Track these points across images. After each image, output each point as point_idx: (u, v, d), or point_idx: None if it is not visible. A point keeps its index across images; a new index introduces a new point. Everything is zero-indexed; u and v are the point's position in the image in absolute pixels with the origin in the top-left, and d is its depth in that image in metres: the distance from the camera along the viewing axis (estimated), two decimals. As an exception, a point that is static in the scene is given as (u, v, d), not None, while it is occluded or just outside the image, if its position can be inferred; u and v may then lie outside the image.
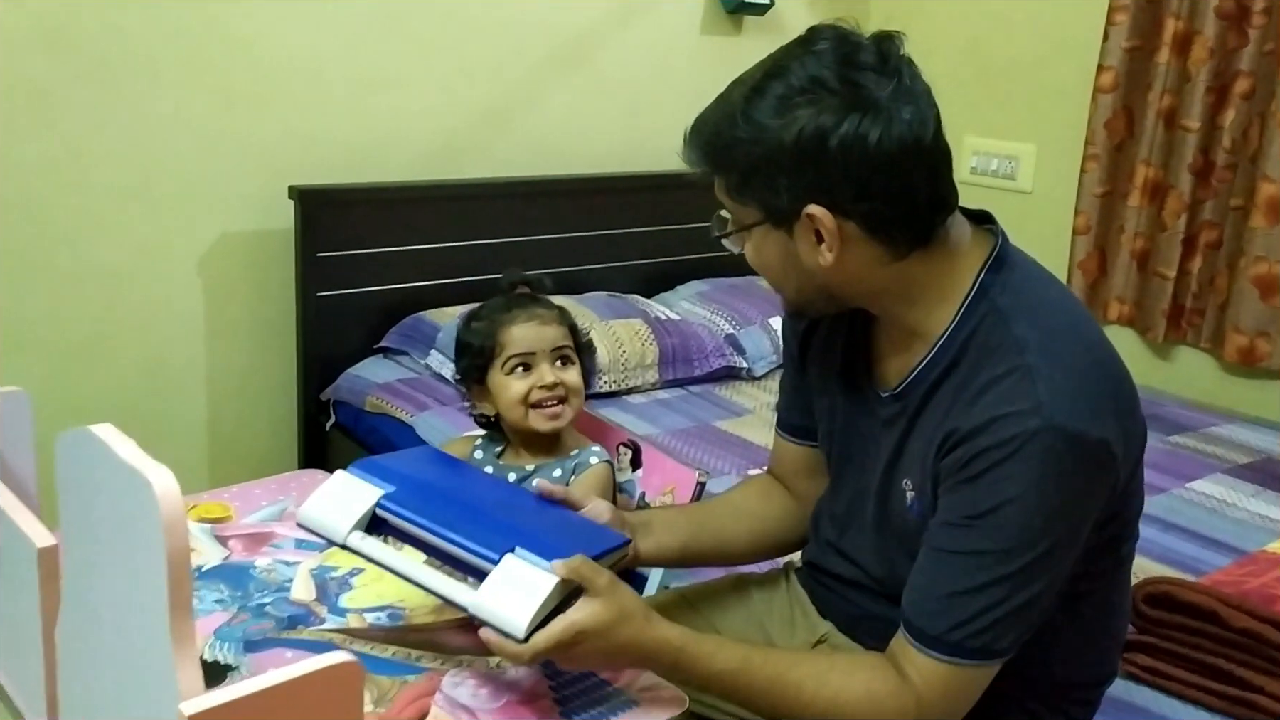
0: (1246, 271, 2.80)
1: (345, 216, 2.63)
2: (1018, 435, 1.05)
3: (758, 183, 1.12)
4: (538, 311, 1.65)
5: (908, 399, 1.20)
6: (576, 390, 1.63)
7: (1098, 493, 1.11)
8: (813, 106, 1.07)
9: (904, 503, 1.21)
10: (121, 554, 0.91)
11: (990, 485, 1.07)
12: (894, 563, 1.26)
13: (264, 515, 1.61)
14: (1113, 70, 2.95)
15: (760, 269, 1.22)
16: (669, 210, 3.16)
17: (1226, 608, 1.60)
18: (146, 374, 2.56)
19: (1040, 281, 1.19)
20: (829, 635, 1.39)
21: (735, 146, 1.11)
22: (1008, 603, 1.08)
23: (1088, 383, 1.09)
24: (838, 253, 1.12)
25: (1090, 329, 1.16)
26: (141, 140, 2.44)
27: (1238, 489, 2.34)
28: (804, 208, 1.10)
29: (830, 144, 1.07)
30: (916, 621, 1.12)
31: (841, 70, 1.08)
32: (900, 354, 1.22)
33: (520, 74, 2.93)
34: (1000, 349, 1.11)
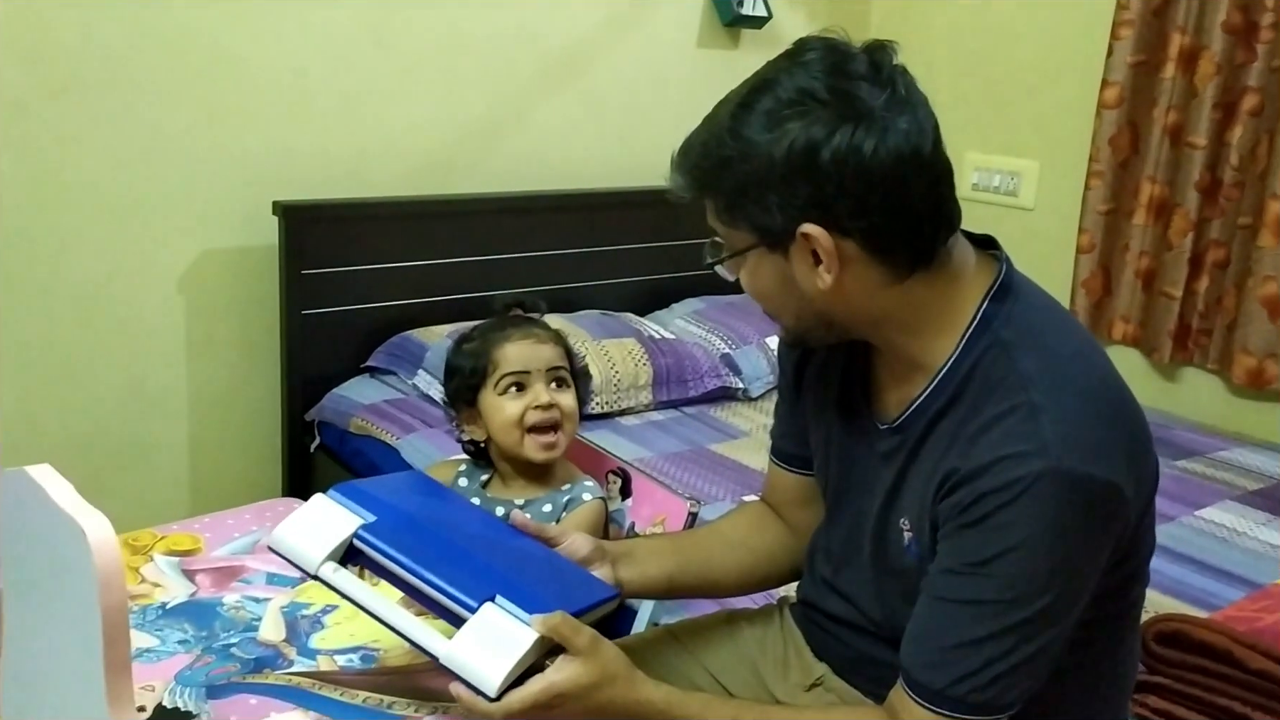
0: (1255, 291, 2.74)
1: (331, 232, 2.56)
2: (1022, 478, 0.98)
3: (749, 203, 1.06)
4: (533, 330, 1.61)
5: (907, 432, 1.14)
6: (571, 415, 1.57)
7: (1107, 538, 1.04)
8: (802, 119, 1.01)
9: (901, 542, 1.15)
10: (61, 603, 0.84)
11: (993, 531, 1.01)
12: (891, 604, 1.20)
13: (235, 547, 1.55)
14: (1117, 86, 2.89)
15: (756, 296, 1.15)
16: (663, 226, 3.10)
17: (1241, 647, 1.53)
18: (126, 395, 2.50)
19: (1046, 311, 1.13)
20: (825, 678, 1.32)
21: (724, 166, 1.06)
22: (1013, 655, 1.02)
23: (1096, 421, 1.02)
24: (837, 274, 1.05)
25: (1099, 363, 1.09)
26: (120, 154, 2.37)
27: (1248, 517, 2.27)
28: (798, 227, 1.04)
29: (822, 157, 1.01)
30: (917, 675, 1.06)
31: (831, 80, 1.02)
32: (900, 385, 1.16)
33: (512, 87, 2.87)
34: (1003, 384, 1.05)
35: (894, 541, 1.16)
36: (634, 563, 1.30)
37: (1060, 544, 1.00)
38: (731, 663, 1.39)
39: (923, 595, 1.08)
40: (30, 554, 0.88)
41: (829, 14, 3.34)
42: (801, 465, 1.37)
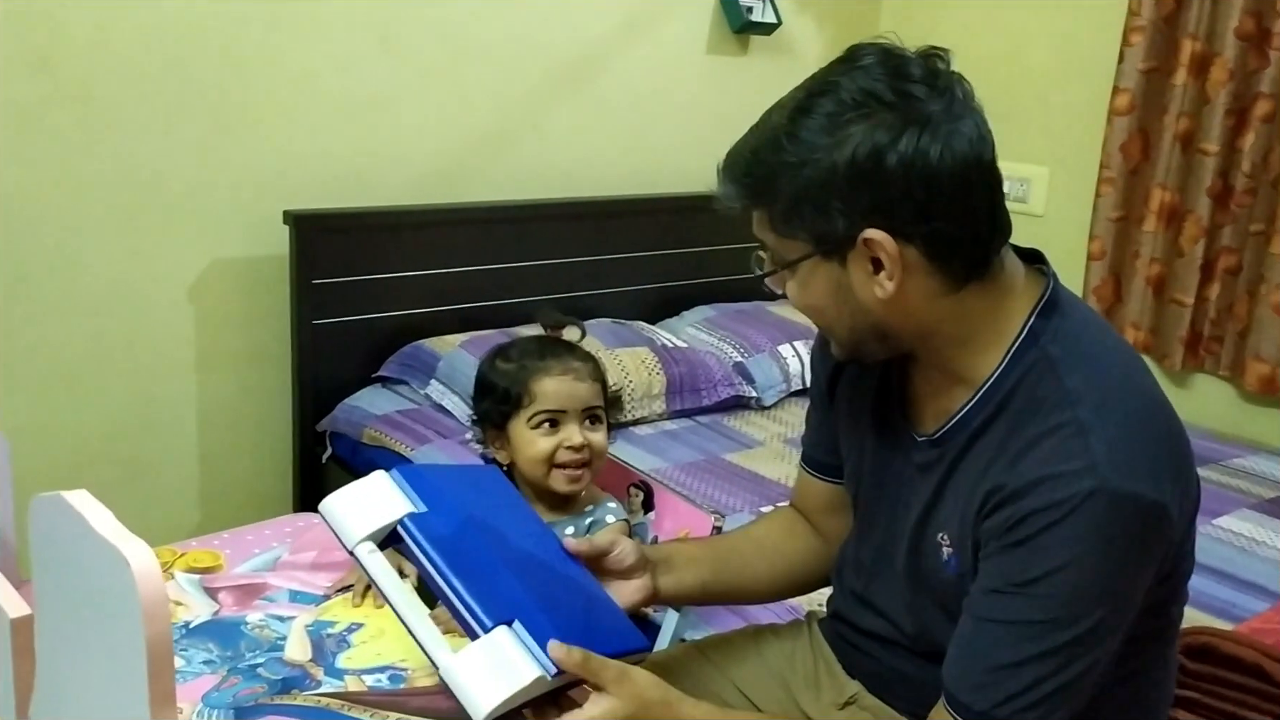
0: (1267, 298, 2.73)
1: (342, 242, 2.55)
2: (1070, 497, 0.97)
3: (808, 210, 1.03)
4: (573, 365, 1.56)
5: (946, 446, 1.12)
6: (602, 453, 1.55)
7: (1152, 557, 1.03)
8: (866, 122, 1.00)
9: (939, 557, 1.13)
10: (98, 633, 0.83)
11: (1040, 551, 0.99)
12: (926, 618, 1.19)
13: (256, 564, 1.53)
14: (1128, 92, 2.88)
15: (807, 309, 1.13)
16: (674, 234, 3.09)
17: (1271, 662, 1.52)
18: (135, 407, 2.48)
19: (1094, 328, 1.11)
20: (858, 696, 1.31)
21: (782, 173, 1.03)
22: (1058, 676, 1.00)
23: (1143, 441, 1.01)
24: (899, 281, 1.04)
25: (1145, 381, 1.08)
26: (129, 164, 2.36)
27: (1266, 525, 2.26)
28: (861, 233, 1.02)
29: (889, 161, 0.99)
30: (960, 696, 1.04)
31: (893, 83, 1.00)
32: (940, 398, 1.14)
33: (521, 95, 2.85)
34: (1050, 401, 1.03)
35: (931, 555, 1.14)
36: (670, 569, 1.29)
37: (1107, 564, 0.98)
38: (762, 679, 1.38)
39: (965, 615, 1.06)
40: (66, 583, 0.87)
41: (838, 20, 3.33)
42: (832, 474, 1.36)
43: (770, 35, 3.19)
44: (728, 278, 3.19)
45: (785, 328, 2.91)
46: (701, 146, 3.19)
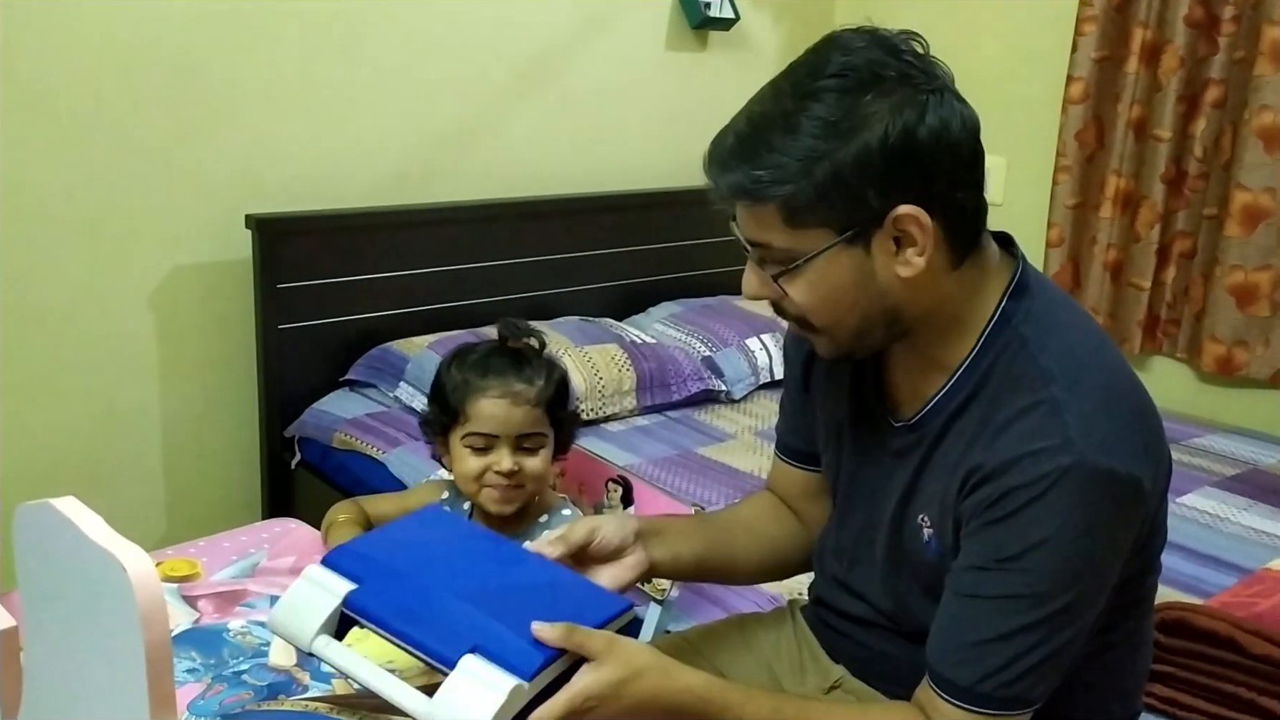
0: (1222, 280, 2.78)
1: (306, 245, 2.53)
2: (1048, 473, 0.99)
3: (837, 195, 1.00)
4: (515, 387, 1.50)
5: (924, 430, 1.13)
6: (536, 477, 1.51)
7: (1129, 530, 1.05)
8: (885, 99, 0.99)
9: (920, 539, 1.14)
10: (94, 641, 0.82)
11: (1020, 527, 1.01)
12: (906, 599, 1.20)
13: (234, 571, 1.52)
14: (1082, 81, 2.93)
15: (815, 306, 1.08)
16: (638, 230, 3.10)
17: (1244, 634, 1.55)
18: (97, 417, 2.44)
19: (1062, 308, 1.13)
20: (843, 680, 1.32)
21: (810, 159, 1.00)
22: (1041, 649, 1.02)
23: (1117, 416, 1.03)
24: (928, 255, 1.03)
25: (1114, 359, 1.10)
26: (87, 169, 2.32)
27: (1229, 502, 2.31)
28: (893, 210, 1.01)
29: (920, 135, 0.99)
30: (944, 672, 1.06)
31: (894, 61, 1.01)
32: (917, 383, 1.15)
33: (483, 94, 2.84)
34: (1024, 380, 1.05)
35: (911, 538, 1.15)
36: (665, 542, 1.27)
37: (1086, 538, 1.00)
38: (748, 666, 1.38)
39: (947, 592, 1.08)
40: (56, 593, 0.85)
41: (794, 15, 3.35)
42: (808, 461, 1.36)
43: (729, 30, 3.20)
44: (693, 273, 3.21)
45: (752, 321, 2.92)
46: (663, 142, 3.22)
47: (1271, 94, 2.64)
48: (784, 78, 1.05)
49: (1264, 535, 2.15)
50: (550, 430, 1.52)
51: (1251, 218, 2.71)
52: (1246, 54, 2.71)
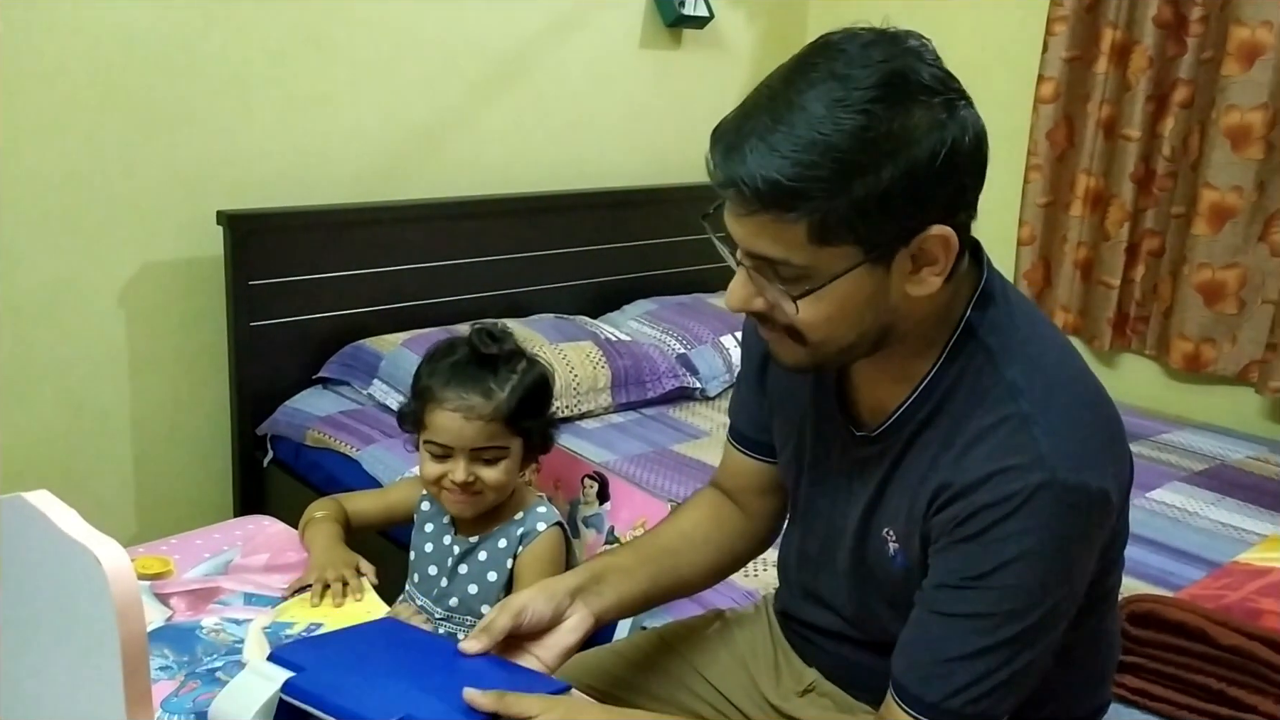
0: (1190, 278, 2.82)
1: (278, 242, 2.51)
2: (1019, 491, 0.97)
3: (876, 215, 0.93)
4: (471, 400, 1.47)
5: (887, 442, 1.11)
6: (495, 486, 1.49)
7: (1097, 543, 1.05)
8: (927, 111, 0.92)
9: (885, 553, 1.12)
10: (68, 635, 0.81)
11: (991, 545, 0.99)
12: (872, 610, 1.19)
13: (207, 569, 1.50)
14: (1053, 80, 2.95)
15: (818, 324, 1.00)
16: (612, 228, 3.10)
17: (1214, 625, 1.57)
18: (66, 416, 2.41)
19: (1026, 316, 1.10)
20: (816, 683, 1.31)
21: (854, 175, 0.91)
22: (1009, 667, 1.01)
23: (1085, 431, 1.02)
24: (944, 275, 0.98)
25: (1078, 368, 1.08)
26: (55, 166, 2.29)
27: (1197, 497, 2.34)
28: (925, 231, 0.95)
29: (962, 152, 0.94)
30: (911, 688, 1.04)
31: (921, 67, 0.94)
32: (878, 392, 1.12)
33: (457, 91, 2.83)
34: (991, 394, 1.03)
35: (876, 550, 1.14)
36: (606, 588, 1.22)
37: (1057, 554, 0.99)
38: (725, 664, 1.38)
39: (916, 609, 1.06)
40: (28, 587, 0.84)
41: (768, 13, 3.36)
42: (762, 451, 1.33)
43: (703, 29, 3.20)
44: (667, 271, 3.21)
45: (726, 319, 2.93)
46: (637, 140, 3.23)
47: (1239, 94, 2.67)
48: (806, 75, 0.94)
49: (1231, 529, 2.18)
50: (514, 440, 1.51)
51: (1219, 216, 2.74)
52: (1214, 54, 2.74)
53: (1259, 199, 2.73)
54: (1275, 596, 1.75)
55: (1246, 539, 2.12)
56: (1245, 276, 2.77)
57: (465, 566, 1.53)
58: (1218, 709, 1.53)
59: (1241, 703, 1.52)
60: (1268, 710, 1.50)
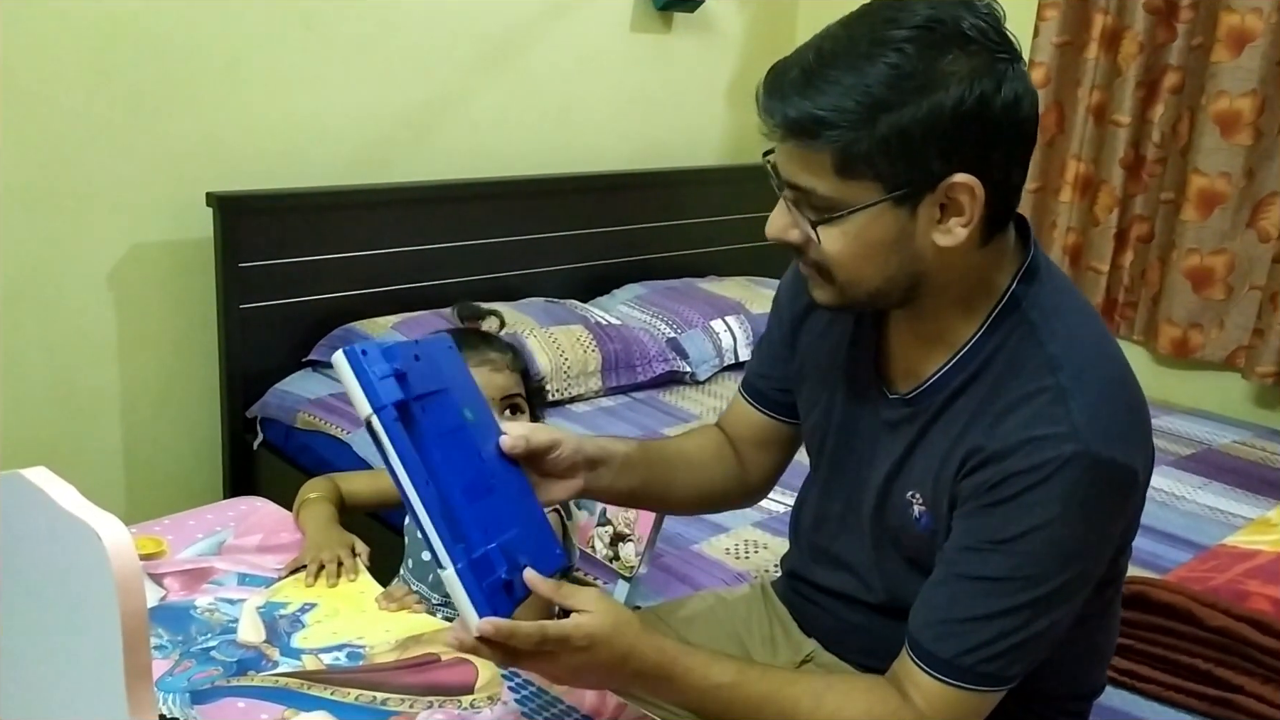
0: (1178, 264, 2.83)
1: (268, 224, 2.50)
2: (1051, 460, 0.99)
3: (898, 152, 0.96)
4: (490, 355, 1.52)
5: (920, 405, 1.13)
6: None
7: (1121, 519, 1.07)
8: (966, 61, 0.95)
9: (909, 514, 1.14)
10: (65, 612, 0.81)
11: (1019, 510, 1.01)
12: (891, 572, 1.20)
13: (200, 549, 1.50)
14: (1043, 66, 2.96)
15: (844, 259, 1.04)
16: (603, 212, 3.09)
17: (1201, 607, 1.59)
18: (55, 398, 2.40)
19: (1069, 296, 1.12)
20: (815, 654, 1.33)
21: (884, 109, 0.95)
22: (1024, 630, 1.03)
23: (1118, 408, 1.04)
24: (973, 228, 1.00)
25: (1115, 350, 1.10)
26: (42, 147, 2.28)
27: (1185, 481, 2.36)
28: (950, 178, 0.97)
29: (994, 106, 0.95)
30: (926, 644, 1.06)
31: (975, 22, 0.96)
32: (916, 357, 1.14)
33: (447, 72, 2.82)
34: (1029, 366, 1.05)
35: (899, 512, 1.15)
36: (605, 470, 1.22)
37: (1082, 525, 1.01)
38: (719, 639, 1.39)
39: (939, 568, 1.08)
40: (26, 563, 0.84)
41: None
42: (772, 408, 1.35)
43: (693, 12, 3.19)
44: (658, 255, 3.21)
45: (717, 303, 2.93)
46: (628, 124, 3.22)
47: (1228, 80, 2.68)
48: (861, 19, 0.99)
49: (1218, 513, 2.20)
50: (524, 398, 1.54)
51: (1208, 202, 2.76)
52: (1204, 40, 2.75)
53: (1247, 185, 2.74)
54: (1262, 578, 1.77)
55: (1233, 522, 2.14)
56: (1233, 262, 2.79)
57: None
58: (1205, 689, 1.54)
59: (1228, 683, 1.53)
60: (1255, 690, 1.51)
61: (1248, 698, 1.51)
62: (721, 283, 3.12)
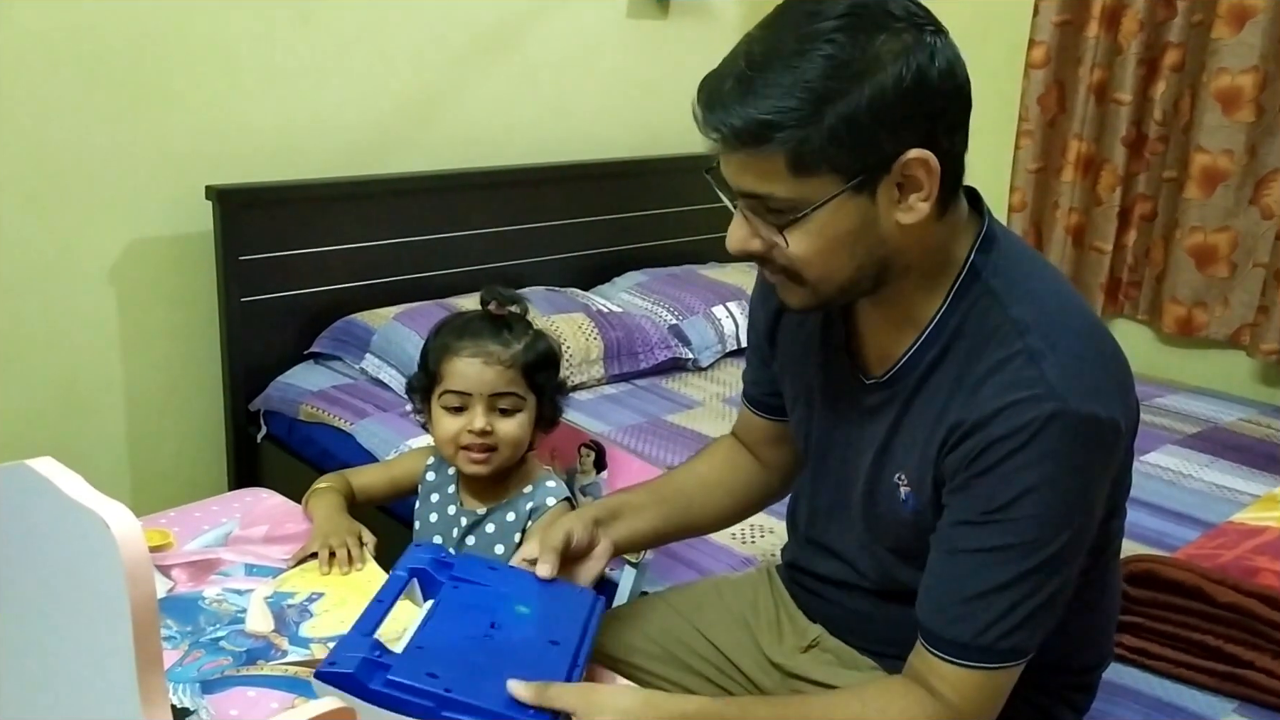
0: (1182, 242, 2.82)
1: (268, 217, 2.49)
2: (1031, 421, 0.99)
3: (850, 140, 0.96)
4: (489, 348, 1.48)
5: (896, 386, 1.13)
6: (511, 442, 1.48)
7: (1109, 472, 1.06)
8: (896, 39, 0.96)
9: (896, 496, 1.14)
10: (74, 603, 0.80)
11: (1006, 476, 1.01)
12: (883, 558, 1.21)
13: (207, 540, 1.50)
14: (1044, 45, 2.94)
15: (813, 257, 1.03)
16: (602, 199, 3.08)
17: (1210, 583, 1.58)
18: (59, 394, 2.40)
19: (1028, 259, 1.13)
20: (820, 639, 1.32)
21: (825, 102, 0.95)
22: (1036, 597, 1.03)
23: (1091, 363, 1.04)
24: (933, 200, 1.01)
25: (1082, 306, 1.11)
26: (40, 141, 2.27)
27: (1191, 460, 2.35)
28: (903, 154, 0.98)
29: (932, 76, 0.97)
30: (940, 631, 1.05)
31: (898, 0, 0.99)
32: (887, 339, 1.15)
33: (444, 62, 2.81)
34: (998, 332, 1.05)
35: (887, 495, 1.15)
36: (622, 523, 1.30)
37: (1073, 482, 1.01)
38: (726, 623, 1.39)
39: (935, 551, 1.08)
40: (31, 555, 0.84)
41: (756, -19, 3.34)
42: (771, 412, 1.39)
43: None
44: (658, 242, 3.20)
45: (718, 289, 2.93)
46: (625, 111, 3.21)
47: (1229, 56, 2.67)
48: (782, 18, 1.01)
49: (1225, 490, 2.19)
50: (529, 395, 1.51)
51: (1210, 179, 2.75)
52: (1204, 17, 2.73)
53: (1250, 162, 2.73)
54: (1270, 554, 1.76)
55: (1240, 499, 2.14)
56: (1237, 240, 2.78)
57: (472, 539, 1.52)
58: (1215, 665, 1.54)
59: (1239, 659, 1.53)
60: (1265, 665, 1.51)
61: (1258, 673, 1.51)
62: (722, 269, 3.11)
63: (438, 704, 0.98)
